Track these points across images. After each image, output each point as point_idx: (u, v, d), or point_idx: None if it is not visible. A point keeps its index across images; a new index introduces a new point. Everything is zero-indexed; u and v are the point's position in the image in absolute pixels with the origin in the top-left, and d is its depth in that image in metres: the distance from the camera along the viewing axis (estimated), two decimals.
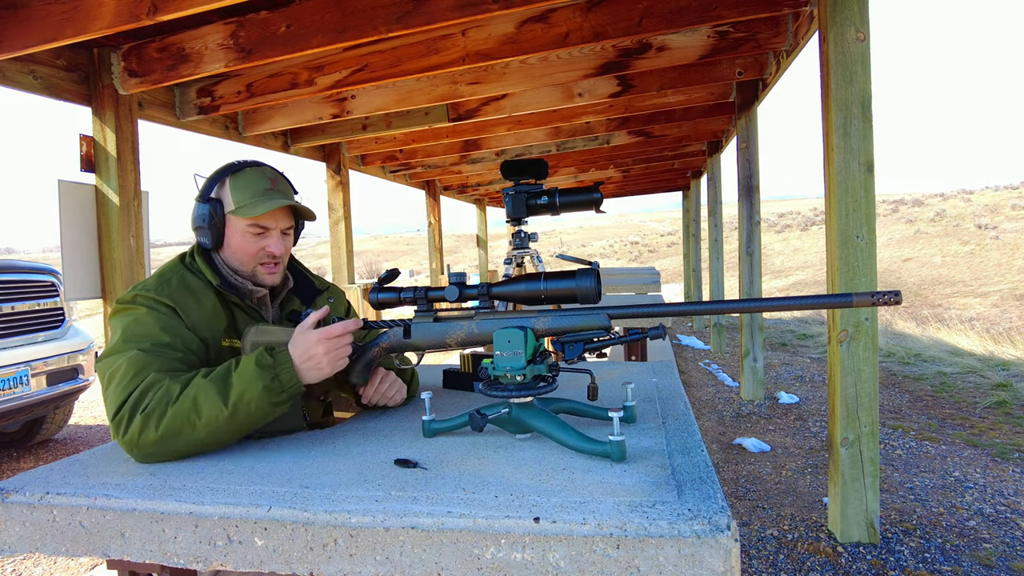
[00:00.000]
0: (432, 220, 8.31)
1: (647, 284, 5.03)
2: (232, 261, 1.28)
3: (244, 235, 1.25)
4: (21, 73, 2.80)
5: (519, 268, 2.33)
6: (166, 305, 1.15)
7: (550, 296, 1.05)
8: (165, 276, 1.22)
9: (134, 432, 1.01)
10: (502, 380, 1.04)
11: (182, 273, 1.23)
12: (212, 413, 1.02)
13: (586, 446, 0.96)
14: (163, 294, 1.16)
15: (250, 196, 1.24)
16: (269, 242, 1.27)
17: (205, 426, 1.02)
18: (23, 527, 0.93)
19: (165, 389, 1.03)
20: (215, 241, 1.26)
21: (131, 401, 1.02)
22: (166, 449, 1.02)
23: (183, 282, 1.21)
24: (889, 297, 0.86)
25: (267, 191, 1.26)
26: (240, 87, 3.44)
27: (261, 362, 1.07)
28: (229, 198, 1.25)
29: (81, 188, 3.04)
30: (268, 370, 1.06)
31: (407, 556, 0.78)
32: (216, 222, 1.24)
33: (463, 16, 2.43)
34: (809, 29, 2.95)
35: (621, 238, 52.97)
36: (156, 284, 1.19)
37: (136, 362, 1.06)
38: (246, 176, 1.26)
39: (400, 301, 1.17)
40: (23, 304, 3.55)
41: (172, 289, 1.18)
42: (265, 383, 1.05)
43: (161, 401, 1.02)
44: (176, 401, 1.02)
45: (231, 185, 1.25)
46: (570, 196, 1.83)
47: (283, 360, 1.09)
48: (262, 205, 1.23)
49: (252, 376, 1.05)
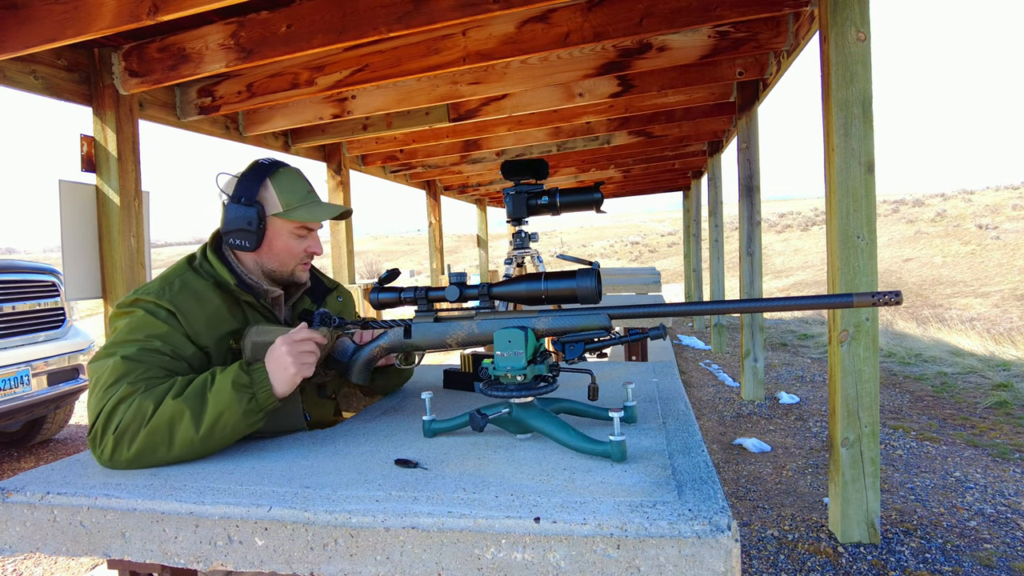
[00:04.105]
0: (432, 220, 8.31)
1: (647, 284, 5.03)
2: (270, 263, 1.27)
3: (290, 237, 1.26)
4: (22, 73, 2.80)
5: (520, 268, 2.33)
6: (166, 310, 1.13)
7: (551, 296, 1.05)
8: (168, 279, 1.19)
9: (107, 451, 1.00)
10: (502, 380, 1.04)
11: (186, 276, 1.21)
12: (186, 435, 1.01)
13: (587, 446, 0.96)
14: (164, 298, 1.14)
15: (298, 199, 1.25)
16: (311, 242, 1.29)
17: (179, 446, 1.01)
18: (24, 527, 0.93)
19: (137, 406, 1.00)
20: (256, 243, 1.24)
21: (103, 415, 1.01)
22: (140, 465, 1.01)
23: (186, 285, 1.19)
24: (889, 297, 0.86)
25: (309, 193, 1.28)
26: (241, 87, 3.44)
27: (238, 382, 1.05)
28: (275, 200, 1.24)
29: (82, 188, 3.04)
30: (245, 391, 1.05)
31: (407, 556, 0.78)
32: (262, 226, 1.23)
33: (464, 16, 2.43)
34: (810, 29, 2.95)
35: (622, 238, 52.97)
36: (158, 287, 1.17)
37: (117, 369, 1.04)
38: (287, 178, 1.26)
39: (401, 301, 1.17)
40: (24, 304, 3.55)
41: (174, 293, 1.16)
42: (244, 407, 1.04)
43: (134, 420, 0.99)
44: (149, 421, 0.99)
45: (275, 187, 1.24)
46: (571, 196, 1.83)
47: (260, 377, 1.07)
48: (318, 210, 1.25)
49: (229, 399, 1.03)
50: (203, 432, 1.01)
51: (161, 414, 1.00)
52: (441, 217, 8.33)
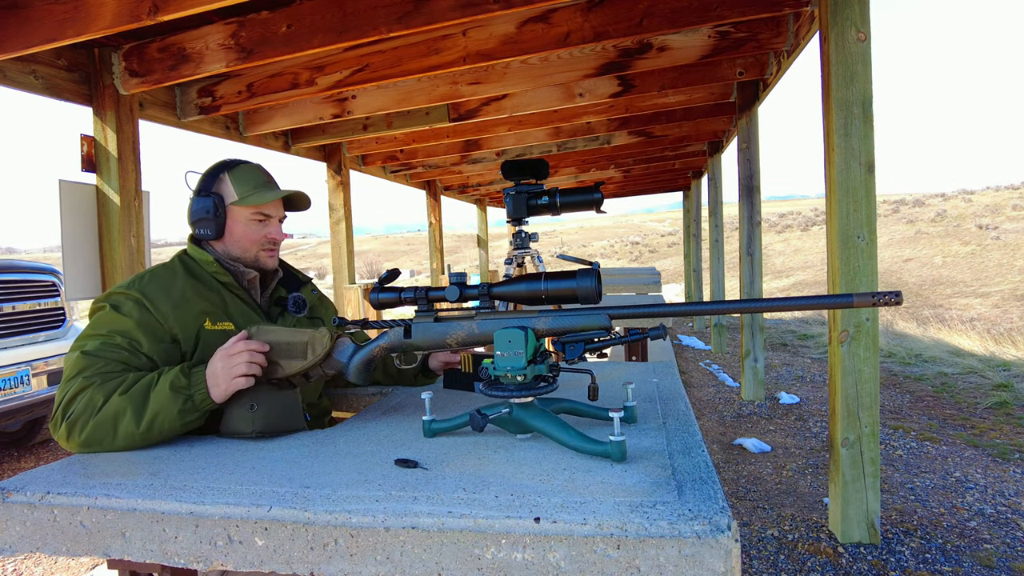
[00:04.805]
0: (433, 220, 8.31)
1: (647, 284, 5.03)
2: (234, 249, 1.36)
3: (248, 223, 1.35)
4: (22, 73, 2.81)
5: (520, 268, 2.34)
6: (133, 299, 1.21)
7: (551, 296, 1.05)
8: (142, 273, 1.29)
9: (62, 436, 1.11)
10: (502, 380, 1.04)
11: (159, 268, 1.31)
12: (128, 429, 1.09)
13: (587, 446, 0.96)
14: (133, 288, 1.23)
15: (252, 188, 1.35)
16: (271, 229, 1.38)
17: (122, 439, 1.09)
18: (24, 527, 0.93)
19: (89, 398, 1.09)
20: (217, 231, 1.34)
21: (63, 404, 1.11)
22: (90, 450, 1.11)
23: (155, 275, 1.28)
24: (890, 298, 0.86)
25: (266, 183, 1.37)
26: (241, 87, 3.44)
27: (175, 384, 1.11)
28: (231, 190, 1.34)
29: (82, 188, 3.04)
30: (182, 392, 1.11)
31: (407, 556, 0.78)
32: (219, 213, 1.33)
33: (464, 16, 2.43)
34: (810, 29, 2.95)
35: (622, 238, 52.95)
36: (130, 281, 1.26)
37: (77, 364, 1.14)
38: (244, 170, 1.37)
39: (401, 301, 1.17)
40: (24, 304, 3.55)
41: (143, 284, 1.25)
42: (179, 407, 1.11)
43: (85, 411, 1.09)
44: (97, 413, 1.09)
45: (231, 179, 1.35)
46: (570, 196, 1.83)
47: (198, 380, 1.13)
48: (268, 194, 1.34)
49: (167, 399, 1.10)
50: (143, 428, 1.09)
51: (107, 409, 1.09)
52: (441, 217, 8.33)
